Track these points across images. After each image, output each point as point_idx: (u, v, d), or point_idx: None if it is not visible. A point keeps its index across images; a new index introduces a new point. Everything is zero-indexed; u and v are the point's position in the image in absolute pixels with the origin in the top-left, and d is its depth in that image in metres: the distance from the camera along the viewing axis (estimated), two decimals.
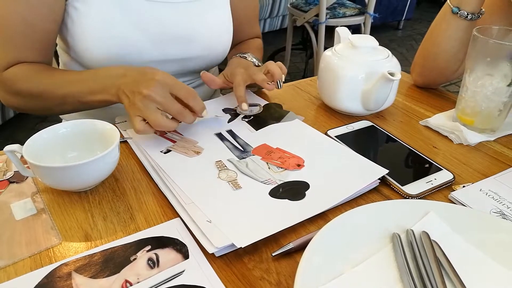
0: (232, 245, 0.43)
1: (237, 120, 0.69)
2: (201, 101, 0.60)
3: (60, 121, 0.76)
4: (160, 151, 0.59)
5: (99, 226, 0.48)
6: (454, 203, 0.52)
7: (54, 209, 0.50)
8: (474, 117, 0.67)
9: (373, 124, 0.70)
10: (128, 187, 0.54)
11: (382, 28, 4.00)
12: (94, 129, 0.56)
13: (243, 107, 0.68)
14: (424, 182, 0.55)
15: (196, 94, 0.60)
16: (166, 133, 0.64)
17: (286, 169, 0.56)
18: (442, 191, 0.55)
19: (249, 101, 0.75)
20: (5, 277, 0.41)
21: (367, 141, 0.66)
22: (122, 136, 0.63)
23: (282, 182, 0.54)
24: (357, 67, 0.68)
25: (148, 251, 0.44)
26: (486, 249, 0.43)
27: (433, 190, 0.54)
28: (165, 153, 0.59)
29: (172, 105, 0.57)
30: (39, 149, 0.52)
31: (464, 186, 0.55)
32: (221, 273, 0.42)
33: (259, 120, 0.69)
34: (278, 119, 0.69)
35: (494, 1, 0.76)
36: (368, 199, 0.53)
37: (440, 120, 0.71)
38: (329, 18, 2.47)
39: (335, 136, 0.65)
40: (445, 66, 0.78)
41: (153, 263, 0.43)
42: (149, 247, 0.45)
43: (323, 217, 0.50)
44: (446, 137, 0.68)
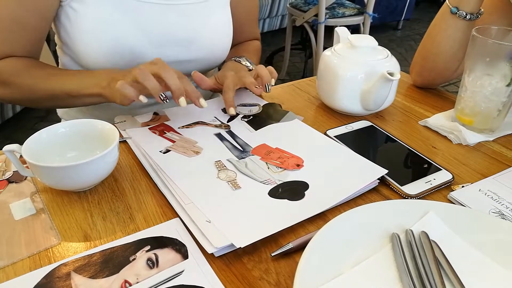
0: (232, 245, 0.43)
1: (237, 120, 0.69)
2: (178, 82, 0.60)
3: (59, 121, 0.76)
4: (160, 151, 0.59)
5: (98, 226, 0.48)
6: (453, 203, 0.52)
7: (53, 209, 0.50)
8: (473, 117, 0.67)
9: (372, 124, 0.70)
10: (128, 187, 0.54)
11: (381, 28, 4.00)
12: (93, 129, 0.56)
13: (231, 111, 0.68)
14: (423, 182, 0.55)
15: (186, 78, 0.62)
16: (166, 133, 0.64)
17: (285, 169, 0.56)
18: (441, 191, 0.55)
19: (249, 101, 0.75)
20: (4, 277, 0.41)
21: (367, 141, 0.66)
22: (121, 136, 0.63)
23: (282, 182, 0.54)
24: (357, 67, 0.68)
25: (147, 251, 0.44)
26: (485, 249, 0.43)
27: (432, 190, 0.54)
28: (164, 153, 0.59)
29: (165, 72, 0.59)
30: (38, 149, 0.52)
31: (463, 186, 0.55)
32: (221, 273, 0.42)
33: (258, 120, 0.69)
34: (278, 119, 0.69)
35: (493, 1, 0.76)
36: (367, 199, 0.53)
37: (439, 120, 0.71)
38: (328, 18, 2.47)
39: (334, 136, 0.65)
40: (444, 66, 0.78)
41: (153, 263, 0.43)
42: (148, 247, 0.44)
43: (322, 217, 0.50)
44: (445, 137, 0.68)
